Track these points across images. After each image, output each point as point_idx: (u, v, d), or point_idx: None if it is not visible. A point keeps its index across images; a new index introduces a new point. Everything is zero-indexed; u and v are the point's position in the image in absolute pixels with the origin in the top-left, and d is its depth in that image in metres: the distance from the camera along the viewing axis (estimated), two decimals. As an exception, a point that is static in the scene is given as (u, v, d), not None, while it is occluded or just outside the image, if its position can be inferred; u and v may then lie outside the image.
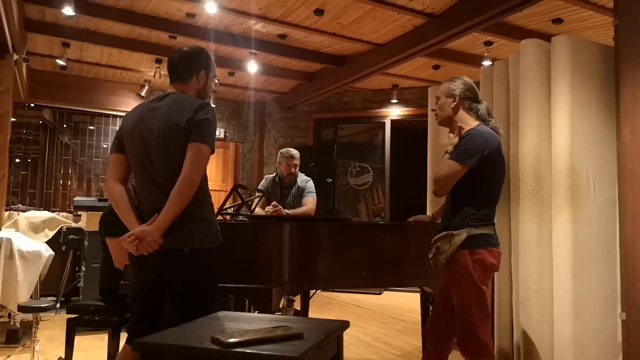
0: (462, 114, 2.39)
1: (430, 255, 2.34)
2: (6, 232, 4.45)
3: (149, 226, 1.90)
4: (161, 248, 1.90)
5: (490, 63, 4.91)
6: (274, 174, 4.14)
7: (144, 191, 2.03)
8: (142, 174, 2.01)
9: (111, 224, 2.58)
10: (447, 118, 2.43)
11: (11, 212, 5.70)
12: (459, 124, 2.37)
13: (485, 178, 2.28)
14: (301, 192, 4.00)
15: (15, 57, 4.80)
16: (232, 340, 1.37)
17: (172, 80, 2.12)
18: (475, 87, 2.46)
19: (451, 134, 2.41)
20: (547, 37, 3.42)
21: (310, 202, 3.93)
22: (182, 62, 2.10)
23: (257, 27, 5.24)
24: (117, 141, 2.09)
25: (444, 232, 2.28)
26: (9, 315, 4.06)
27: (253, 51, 5.73)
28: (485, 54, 5.37)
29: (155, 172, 1.98)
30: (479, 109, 2.40)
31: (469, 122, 2.36)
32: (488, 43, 5.31)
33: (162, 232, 1.89)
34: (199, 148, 1.93)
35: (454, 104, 2.38)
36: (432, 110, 2.56)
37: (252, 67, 6.04)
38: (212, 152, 1.97)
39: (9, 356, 3.60)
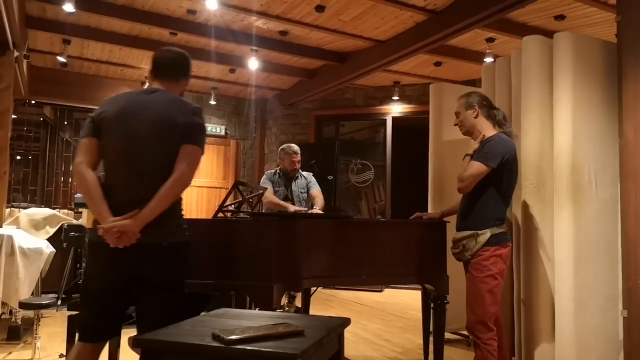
0: (482, 121, 2.71)
1: (457, 251, 2.66)
2: (7, 229, 4.46)
3: (131, 220, 1.87)
4: (139, 242, 1.89)
5: (492, 60, 4.90)
6: (274, 170, 4.30)
7: (120, 180, 1.98)
8: (123, 163, 1.98)
9: None
10: (470, 128, 2.74)
11: (12, 209, 5.70)
12: (480, 131, 2.69)
13: (503, 180, 2.58)
14: (306, 183, 4.23)
15: (16, 53, 4.79)
16: (233, 337, 1.37)
17: (162, 77, 2.12)
18: (488, 97, 2.74)
19: (472, 140, 2.73)
20: (549, 33, 3.41)
21: (320, 193, 4.20)
22: (176, 62, 2.16)
23: (258, 23, 5.23)
24: (94, 125, 2.01)
25: (471, 232, 2.59)
26: (10, 312, 4.06)
27: (254, 48, 5.72)
28: (487, 51, 5.35)
29: (141, 164, 1.96)
30: (496, 115, 2.73)
31: (489, 129, 2.70)
32: (490, 40, 5.30)
33: (142, 227, 1.88)
34: (195, 150, 1.99)
35: (474, 113, 2.71)
36: (455, 125, 2.83)
37: (253, 63, 6.02)
38: (202, 154, 2.05)
39: (10, 353, 3.60)
